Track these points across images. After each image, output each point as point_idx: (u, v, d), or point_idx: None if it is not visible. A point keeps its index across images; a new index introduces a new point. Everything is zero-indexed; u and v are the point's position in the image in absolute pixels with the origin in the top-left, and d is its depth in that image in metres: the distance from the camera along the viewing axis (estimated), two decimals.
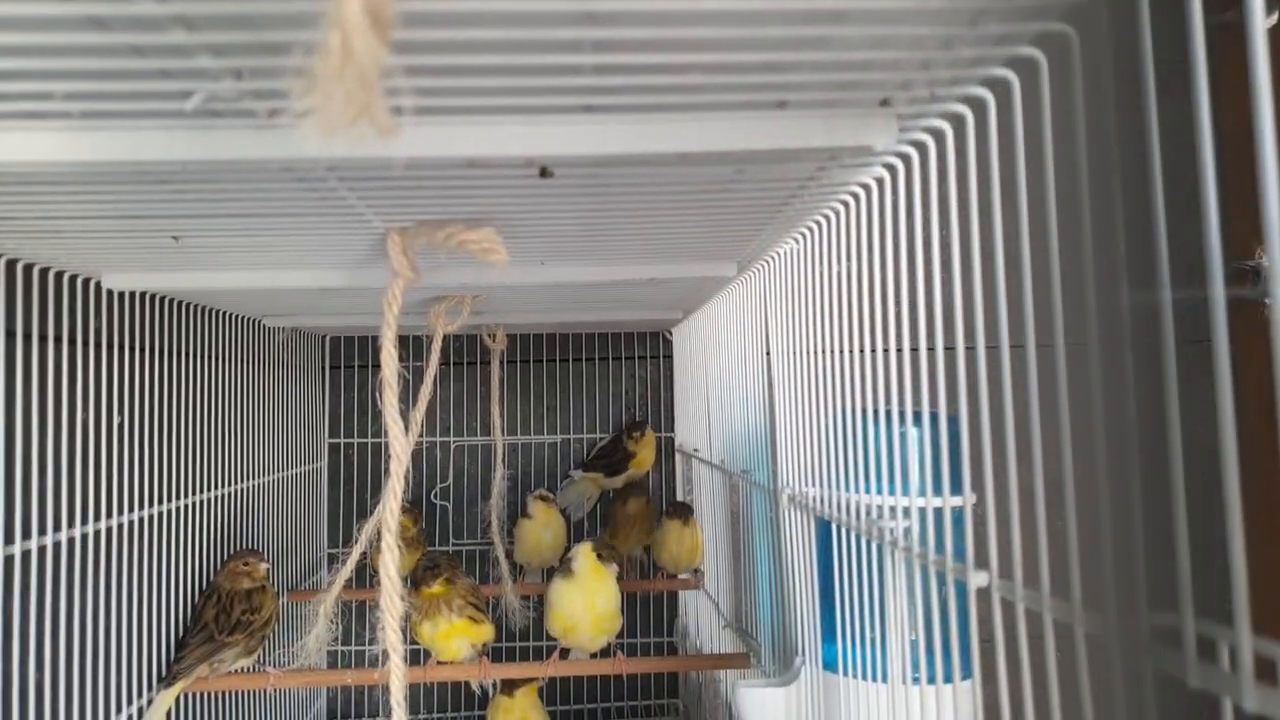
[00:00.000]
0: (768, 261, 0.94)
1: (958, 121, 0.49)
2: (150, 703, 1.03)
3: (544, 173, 0.54)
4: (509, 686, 1.36)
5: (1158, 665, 0.36)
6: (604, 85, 0.44)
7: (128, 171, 0.50)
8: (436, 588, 1.12)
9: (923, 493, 0.59)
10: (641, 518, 1.55)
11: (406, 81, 0.35)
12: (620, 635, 1.23)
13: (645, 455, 1.69)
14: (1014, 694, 0.47)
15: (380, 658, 0.66)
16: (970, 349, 0.51)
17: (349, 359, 1.75)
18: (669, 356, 1.79)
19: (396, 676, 0.63)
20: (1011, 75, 0.43)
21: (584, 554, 1.16)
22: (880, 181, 0.60)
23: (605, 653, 1.22)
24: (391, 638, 0.64)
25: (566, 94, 0.45)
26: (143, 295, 1.02)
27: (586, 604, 1.15)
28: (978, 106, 0.47)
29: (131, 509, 1.00)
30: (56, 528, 0.86)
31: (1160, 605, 0.37)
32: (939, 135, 0.51)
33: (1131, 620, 0.38)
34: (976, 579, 0.51)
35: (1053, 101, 0.42)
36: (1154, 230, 0.35)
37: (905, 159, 0.55)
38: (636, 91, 0.45)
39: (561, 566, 1.19)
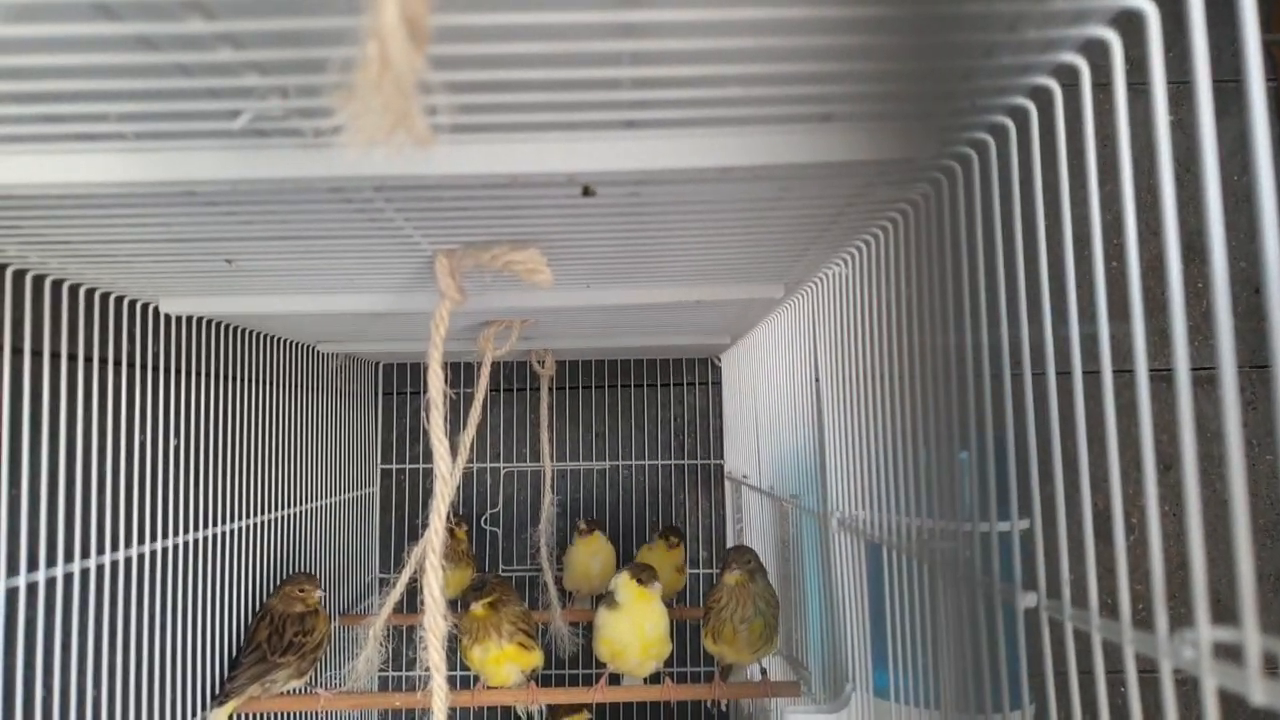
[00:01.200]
0: (815, 283, 0.93)
1: (1001, 134, 0.49)
2: None
3: (586, 191, 0.54)
4: (558, 712, 1.36)
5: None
6: (644, 99, 0.44)
7: (179, 193, 0.51)
8: (479, 610, 1.12)
9: (974, 516, 0.57)
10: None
11: (446, 97, 0.36)
12: (669, 663, 1.21)
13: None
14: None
15: (420, 680, 0.66)
16: (1016, 375, 0.50)
17: (401, 386, 1.77)
18: (717, 383, 1.78)
19: (439, 696, 0.63)
20: (1054, 84, 0.43)
21: (624, 584, 1.15)
22: (926, 198, 0.60)
23: (654, 679, 1.20)
24: (434, 657, 0.64)
25: (607, 109, 0.45)
26: (200, 320, 1.04)
27: (635, 631, 1.14)
28: (1020, 118, 0.46)
29: (187, 530, 1.02)
30: (114, 547, 0.88)
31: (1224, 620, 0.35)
32: (982, 148, 0.51)
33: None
34: (1026, 599, 0.49)
35: (1096, 111, 0.41)
36: (1211, 247, 0.34)
37: (949, 173, 0.55)
38: (677, 105, 0.45)
39: (605, 598, 1.18)
